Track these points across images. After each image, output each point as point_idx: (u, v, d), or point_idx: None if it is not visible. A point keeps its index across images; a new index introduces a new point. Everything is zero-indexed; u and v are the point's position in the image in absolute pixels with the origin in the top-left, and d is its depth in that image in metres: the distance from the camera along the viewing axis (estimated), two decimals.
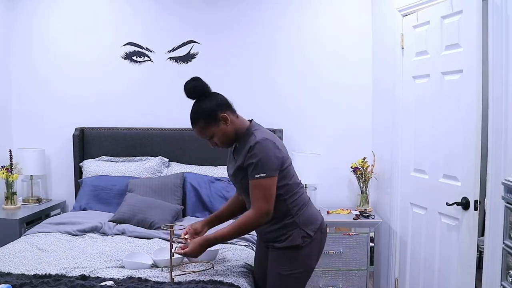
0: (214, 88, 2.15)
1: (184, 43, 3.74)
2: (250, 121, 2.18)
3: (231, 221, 2.24)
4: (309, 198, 2.25)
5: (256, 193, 2.02)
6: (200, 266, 2.32)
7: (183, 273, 2.21)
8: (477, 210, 2.37)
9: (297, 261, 2.10)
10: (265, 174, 1.98)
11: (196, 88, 2.07)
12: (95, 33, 3.79)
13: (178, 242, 2.21)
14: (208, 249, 2.18)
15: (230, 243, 2.66)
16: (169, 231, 2.20)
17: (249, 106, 3.68)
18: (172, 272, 2.15)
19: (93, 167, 3.58)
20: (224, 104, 2.09)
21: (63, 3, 3.80)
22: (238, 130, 2.11)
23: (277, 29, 3.71)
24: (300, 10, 3.69)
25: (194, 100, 2.10)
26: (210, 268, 2.27)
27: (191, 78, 2.10)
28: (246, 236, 2.72)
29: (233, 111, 2.14)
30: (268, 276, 2.18)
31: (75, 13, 3.78)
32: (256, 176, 1.99)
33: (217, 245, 2.27)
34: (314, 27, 3.70)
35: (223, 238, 2.13)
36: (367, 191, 3.57)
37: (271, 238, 2.15)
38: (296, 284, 2.15)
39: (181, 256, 2.20)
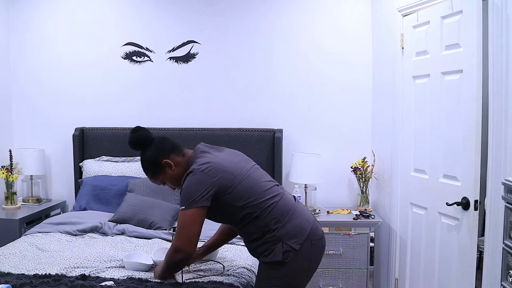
0: (214, 89, 2.14)
1: (184, 43, 3.74)
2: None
3: None
4: (295, 204, 2.05)
5: (177, 228, 1.95)
6: (212, 265, 2.31)
7: (193, 276, 2.19)
8: (477, 210, 2.37)
9: (280, 278, 1.96)
10: (184, 207, 1.90)
11: (134, 140, 2.07)
12: (95, 33, 3.79)
13: None
14: None
15: (230, 243, 2.64)
16: (169, 231, 2.19)
17: (249, 106, 3.73)
18: (183, 275, 2.13)
19: (93, 167, 3.58)
20: (165, 150, 2.05)
21: (63, 3, 3.80)
22: (187, 168, 2.00)
23: (277, 29, 3.71)
24: (300, 10, 3.68)
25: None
26: (223, 271, 2.25)
27: (131, 130, 2.09)
28: None
29: (177, 152, 2.07)
30: None
31: (75, 13, 3.79)
32: (180, 209, 1.93)
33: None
34: (314, 27, 3.69)
35: (161, 275, 2.11)
36: (367, 191, 3.57)
37: (257, 252, 2.04)
38: None
39: None
